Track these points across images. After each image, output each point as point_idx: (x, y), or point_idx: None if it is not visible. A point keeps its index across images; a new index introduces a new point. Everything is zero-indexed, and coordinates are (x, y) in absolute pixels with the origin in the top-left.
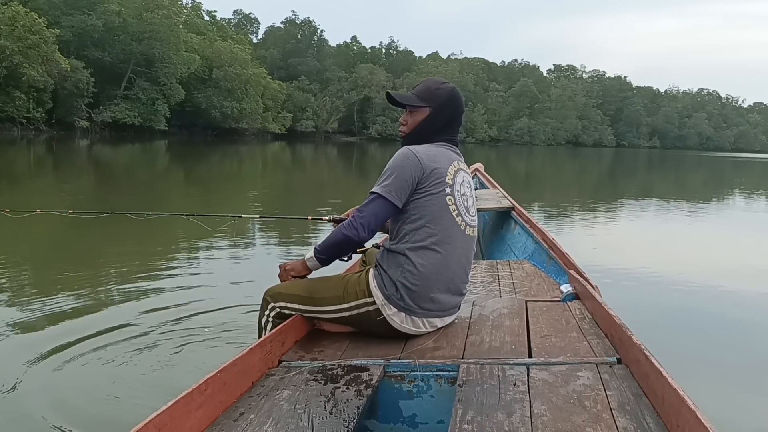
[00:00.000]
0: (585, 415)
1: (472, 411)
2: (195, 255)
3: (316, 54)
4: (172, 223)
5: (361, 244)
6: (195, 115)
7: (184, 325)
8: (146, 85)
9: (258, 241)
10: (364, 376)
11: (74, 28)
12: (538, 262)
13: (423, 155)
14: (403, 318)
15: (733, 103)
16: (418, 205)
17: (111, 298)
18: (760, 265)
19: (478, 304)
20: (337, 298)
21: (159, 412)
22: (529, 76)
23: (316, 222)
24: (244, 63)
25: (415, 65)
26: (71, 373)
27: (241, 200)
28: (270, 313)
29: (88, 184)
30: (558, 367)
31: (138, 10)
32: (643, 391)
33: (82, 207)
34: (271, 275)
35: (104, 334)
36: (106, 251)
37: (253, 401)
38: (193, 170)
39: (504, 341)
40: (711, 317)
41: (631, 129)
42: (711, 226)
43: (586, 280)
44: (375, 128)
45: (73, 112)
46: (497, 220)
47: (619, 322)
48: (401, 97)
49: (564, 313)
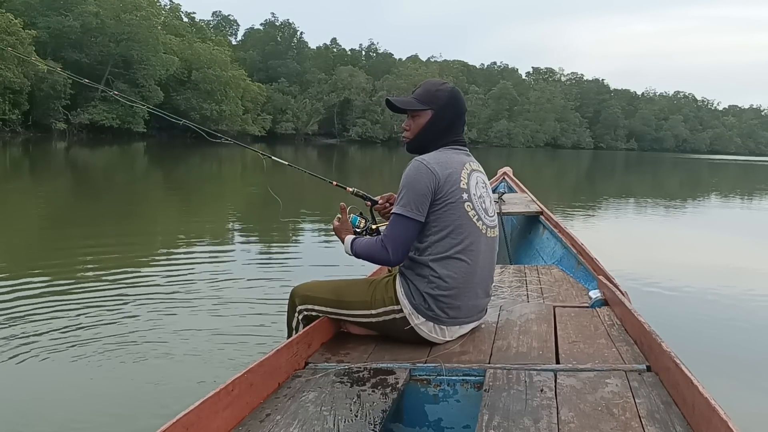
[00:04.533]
0: (613, 422)
1: (498, 416)
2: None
3: (296, 56)
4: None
5: (393, 266)
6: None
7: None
8: (124, 86)
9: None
10: (390, 379)
11: (51, 29)
12: (567, 268)
13: (434, 164)
14: (431, 327)
15: (709, 106)
16: (438, 217)
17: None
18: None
19: (505, 309)
20: (365, 304)
21: (186, 412)
22: (508, 78)
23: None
24: (223, 65)
25: (395, 68)
26: (107, 367)
27: (220, 204)
28: (299, 316)
29: (65, 186)
30: (586, 373)
31: (116, 12)
32: (672, 399)
33: (61, 211)
34: (294, 272)
35: (136, 333)
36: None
37: (280, 402)
38: (172, 173)
39: (531, 347)
40: (741, 323)
41: (608, 131)
42: (722, 230)
43: (616, 286)
44: (355, 130)
45: (50, 114)
46: (525, 225)
47: (649, 329)
48: (402, 103)
49: (592, 319)
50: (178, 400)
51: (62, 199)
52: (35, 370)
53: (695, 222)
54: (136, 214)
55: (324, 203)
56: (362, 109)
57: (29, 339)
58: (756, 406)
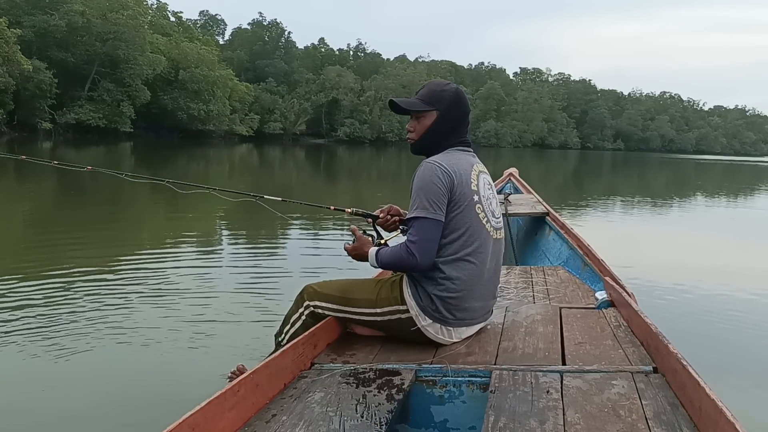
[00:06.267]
0: (620, 424)
1: (504, 418)
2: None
3: (284, 56)
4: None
5: (422, 270)
6: (161, 116)
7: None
8: (111, 86)
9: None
10: (396, 380)
11: (36, 28)
12: (573, 269)
13: (446, 164)
14: (437, 329)
15: (695, 106)
16: (451, 219)
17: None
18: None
19: (511, 310)
20: (371, 302)
21: (192, 412)
22: (495, 78)
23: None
24: (210, 64)
25: (383, 68)
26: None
27: (210, 206)
28: (304, 311)
29: (49, 187)
30: (592, 375)
31: (102, 11)
32: (679, 401)
33: (45, 212)
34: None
35: (152, 330)
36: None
37: (285, 403)
38: (159, 173)
39: (537, 348)
40: (748, 324)
41: (595, 131)
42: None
43: (622, 288)
44: (343, 130)
45: (36, 113)
46: (531, 226)
47: (656, 330)
48: (406, 104)
49: (599, 320)
50: (179, 399)
51: (47, 199)
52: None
53: (696, 222)
54: (123, 214)
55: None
56: (350, 109)
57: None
58: (764, 408)
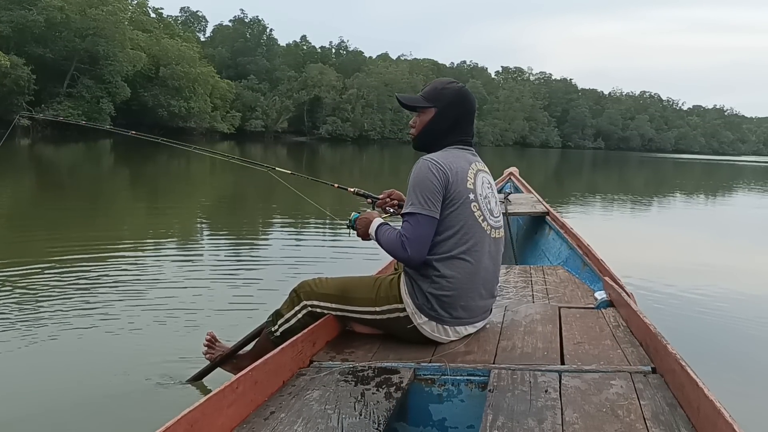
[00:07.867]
0: (618, 424)
1: (503, 417)
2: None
3: (266, 53)
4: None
5: (413, 265)
6: (141, 113)
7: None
8: (90, 83)
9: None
10: (395, 378)
11: (14, 23)
12: (573, 268)
13: (442, 162)
14: (434, 327)
15: (674, 106)
16: (446, 216)
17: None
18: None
19: (510, 309)
20: (369, 301)
21: (191, 409)
22: (477, 77)
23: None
24: (191, 61)
25: (365, 66)
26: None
27: (190, 208)
28: (301, 310)
29: (28, 184)
30: (591, 374)
31: (81, 6)
32: (678, 401)
33: (24, 209)
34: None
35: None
36: None
37: (284, 400)
38: (140, 171)
39: (536, 347)
40: (747, 325)
41: (576, 130)
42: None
43: (621, 288)
44: (325, 128)
45: (14, 110)
46: (531, 225)
47: (655, 330)
48: (408, 99)
49: (598, 320)
50: (178, 400)
51: (26, 196)
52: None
53: (695, 222)
54: (102, 210)
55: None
56: (332, 107)
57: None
58: (762, 409)
